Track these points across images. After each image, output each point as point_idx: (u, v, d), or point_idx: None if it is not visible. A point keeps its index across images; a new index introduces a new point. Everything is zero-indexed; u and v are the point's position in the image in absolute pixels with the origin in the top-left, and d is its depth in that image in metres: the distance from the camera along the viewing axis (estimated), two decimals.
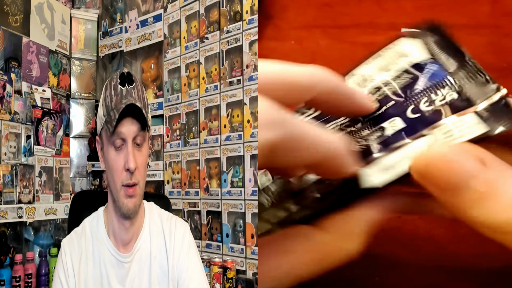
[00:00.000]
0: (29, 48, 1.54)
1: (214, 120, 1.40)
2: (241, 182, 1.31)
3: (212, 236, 1.39)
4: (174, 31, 1.55)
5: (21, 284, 1.35)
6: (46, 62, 1.62)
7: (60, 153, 1.66)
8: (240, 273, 1.29)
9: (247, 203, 1.29)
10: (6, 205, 1.39)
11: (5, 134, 1.41)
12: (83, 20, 1.80)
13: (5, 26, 1.44)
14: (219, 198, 1.37)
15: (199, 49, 1.47)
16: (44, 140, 1.56)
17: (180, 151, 1.51)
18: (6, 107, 1.41)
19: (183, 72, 1.52)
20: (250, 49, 1.32)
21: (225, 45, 1.38)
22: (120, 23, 1.74)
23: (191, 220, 1.45)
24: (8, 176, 1.41)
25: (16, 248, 1.41)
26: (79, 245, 0.76)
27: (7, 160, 1.42)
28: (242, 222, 1.30)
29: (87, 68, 1.80)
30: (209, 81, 1.43)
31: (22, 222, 1.45)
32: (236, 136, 1.33)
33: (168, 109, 1.56)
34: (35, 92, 1.54)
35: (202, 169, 1.43)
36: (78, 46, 1.79)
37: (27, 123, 1.50)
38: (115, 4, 1.77)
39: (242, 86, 1.33)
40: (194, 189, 1.45)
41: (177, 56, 1.54)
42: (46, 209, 1.55)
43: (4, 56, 1.43)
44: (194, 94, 1.47)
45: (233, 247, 1.32)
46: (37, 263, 1.45)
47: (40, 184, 1.54)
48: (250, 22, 1.32)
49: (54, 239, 1.57)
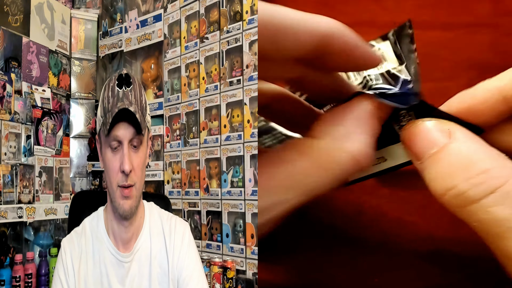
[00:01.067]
0: (29, 48, 1.54)
1: (214, 120, 1.40)
2: (241, 182, 1.31)
3: (212, 236, 1.39)
4: (174, 31, 1.55)
5: (21, 284, 1.35)
6: (46, 62, 1.62)
7: (60, 153, 1.66)
8: (240, 273, 1.29)
9: (247, 203, 1.29)
10: (6, 205, 1.39)
11: (5, 134, 1.41)
12: (83, 20, 1.80)
13: (5, 26, 1.44)
14: (219, 198, 1.37)
15: (199, 49, 1.47)
16: (44, 140, 1.56)
17: (180, 151, 1.51)
18: (6, 107, 1.41)
19: (183, 72, 1.51)
20: (250, 49, 1.32)
21: (225, 45, 1.38)
22: (120, 23, 1.74)
23: (191, 220, 1.45)
24: (8, 176, 1.41)
25: (16, 248, 1.41)
26: (79, 245, 0.76)
27: (7, 160, 1.42)
28: (242, 222, 1.30)
29: (87, 68, 1.80)
30: (209, 81, 1.43)
31: (22, 222, 1.45)
32: (236, 136, 1.33)
33: (168, 109, 1.56)
34: (35, 92, 1.54)
35: (202, 169, 1.43)
36: (78, 46, 1.79)
37: (27, 123, 1.50)
38: (115, 4, 1.77)
39: (242, 86, 1.33)
40: (194, 189, 1.45)
41: (177, 56, 1.53)
42: (46, 209, 1.54)
43: (4, 56, 1.43)
44: (194, 94, 1.47)
45: (233, 247, 1.32)
46: (37, 263, 1.45)
47: (40, 184, 1.54)
48: (250, 22, 1.31)
49: (54, 239, 1.57)
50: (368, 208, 0.57)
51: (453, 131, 0.35)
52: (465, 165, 0.34)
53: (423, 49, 0.60)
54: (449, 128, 0.36)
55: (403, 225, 0.56)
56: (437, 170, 0.35)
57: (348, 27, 0.37)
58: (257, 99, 1.26)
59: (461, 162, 0.34)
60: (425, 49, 0.60)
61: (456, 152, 0.34)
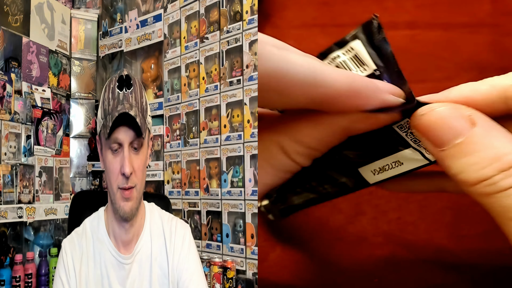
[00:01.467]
0: (29, 48, 1.54)
1: (214, 120, 1.40)
2: (241, 182, 1.31)
3: (212, 236, 1.39)
4: (174, 31, 1.55)
5: (21, 284, 1.35)
6: (46, 62, 1.62)
7: (60, 153, 1.65)
8: (240, 273, 1.29)
9: (247, 203, 1.29)
10: (6, 205, 1.38)
11: (5, 134, 1.41)
12: (83, 20, 1.80)
13: (5, 26, 1.44)
14: (219, 198, 1.37)
15: (199, 49, 1.47)
16: (44, 140, 1.56)
17: (180, 151, 1.51)
18: (6, 107, 1.41)
19: (183, 72, 1.51)
20: (250, 49, 1.32)
21: (225, 45, 1.38)
22: (120, 23, 1.74)
23: (191, 220, 1.45)
24: (8, 176, 1.41)
25: (16, 248, 1.41)
26: (80, 246, 0.76)
27: (7, 160, 1.42)
28: (242, 222, 1.30)
29: (87, 68, 1.80)
30: (209, 81, 1.43)
31: (22, 222, 1.45)
32: (236, 136, 1.33)
33: (168, 109, 1.56)
34: (35, 92, 1.54)
35: (202, 169, 1.43)
36: (78, 46, 1.79)
37: (27, 123, 1.50)
38: (115, 4, 1.77)
39: (242, 86, 1.33)
40: (194, 189, 1.45)
41: (177, 56, 1.53)
42: (46, 209, 1.54)
43: (4, 56, 1.43)
44: (194, 94, 1.47)
45: (233, 247, 1.32)
46: (37, 263, 1.45)
47: (40, 184, 1.54)
48: (250, 22, 1.31)
49: (54, 239, 1.57)
50: (368, 208, 0.57)
51: (474, 117, 0.35)
52: (494, 154, 0.33)
53: (423, 49, 0.60)
54: (470, 114, 0.35)
55: (403, 225, 0.56)
56: (466, 160, 0.34)
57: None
58: (257, 99, 1.26)
59: (490, 151, 0.33)
60: (425, 49, 0.60)
61: (483, 141, 0.34)
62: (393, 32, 0.44)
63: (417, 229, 0.55)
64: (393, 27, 0.41)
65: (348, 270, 0.54)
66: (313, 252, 0.56)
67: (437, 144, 0.35)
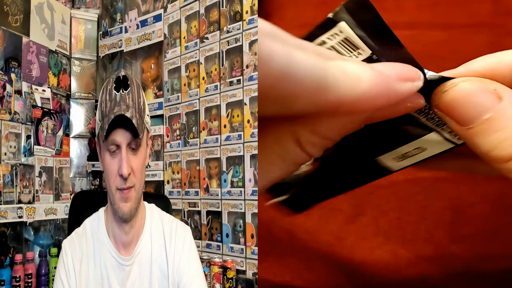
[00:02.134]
0: (29, 48, 1.54)
1: (214, 120, 1.40)
2: (241, 182, 1.31)
3: (212, 236, 1.39)
4: (174, 31, 1.55)
5: (21, 284, 1.35)
6: (46, 62, 1.62)
7: (60, 153, 1.65)
8: (240, 273, 1.29)
9: (247, 203, 1.29)
10: (6, 205, 1.38)
11: (5, 134, 1.41)
12: (83, 20, 1.80)
13: (5, 26, 1.44)
14: (219, 198, 1.37)
15: (199, 49, 1.47)
16: (44, 140, 1.56)
17: (180, 151, 1.51)
18: (6, 107, 1.41)
19: (183, 72, 1.51)
20: (250, 49, 1.31)
21: (225, 45, 1.38)
22: (120, 23, 1.74)
23: (191, 220, 1.45)
24: (8, 176, 1.41)
25: (16, 248, 1.41)
26: (80, 246, 0.76)
27: (7, 160, 1.42)
28: (242, 222, 1.30)
29: (87, 68, 1.80)
30: (209, 81, 1.43)
31: (22, 222, 1.45)
32: (236, 136, 1.33)
33: (168, 109, 1.56)
34: (35, 92, 1.54)
35: (202, 169, 1.43)
36: (78, 46, 1.79)
37: (27, 123, 1.50)
38: (115, 4, 1.77)
39: (242, 86, 1.33)
40: (194, 189, 1.45)
41: (177, 56, 1.53)
42: (46, 209, 1.54)
43: (4, 56, 1.43)
44: (194, 94, 1.47)
45: (233, 247, 1.32)
46: (37, 263, 1.45)
47: (40, 184, 1.54)
48: (250, 22, 1.31)
49: (54, 239, 1.57)
50: (368, 208, 0.57)
51: (500, 91, 0.33)
52: None
53: (423, 49, 0.60)
54: (495, 88, 0.33)
55: (403, 225, 0.56)
56: (496, 136, 0.32)
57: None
58: (257, 99, 1.26)
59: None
60: (425, 49, 0.60)
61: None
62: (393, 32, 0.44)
63: (417, 229, 0.55)
64: (393, 27, 0.41)
65: (348, 270, 0.54)
66: (313, 252, 0.56)
67: (463, 122, 0.33)
